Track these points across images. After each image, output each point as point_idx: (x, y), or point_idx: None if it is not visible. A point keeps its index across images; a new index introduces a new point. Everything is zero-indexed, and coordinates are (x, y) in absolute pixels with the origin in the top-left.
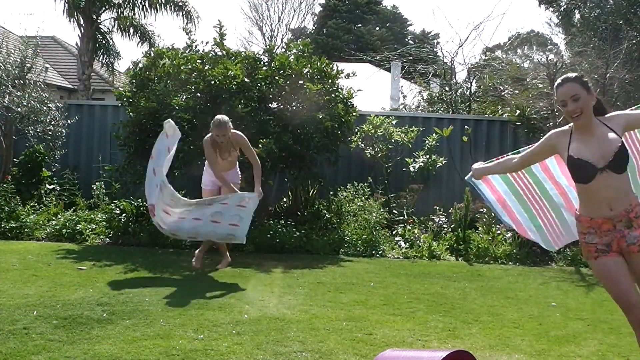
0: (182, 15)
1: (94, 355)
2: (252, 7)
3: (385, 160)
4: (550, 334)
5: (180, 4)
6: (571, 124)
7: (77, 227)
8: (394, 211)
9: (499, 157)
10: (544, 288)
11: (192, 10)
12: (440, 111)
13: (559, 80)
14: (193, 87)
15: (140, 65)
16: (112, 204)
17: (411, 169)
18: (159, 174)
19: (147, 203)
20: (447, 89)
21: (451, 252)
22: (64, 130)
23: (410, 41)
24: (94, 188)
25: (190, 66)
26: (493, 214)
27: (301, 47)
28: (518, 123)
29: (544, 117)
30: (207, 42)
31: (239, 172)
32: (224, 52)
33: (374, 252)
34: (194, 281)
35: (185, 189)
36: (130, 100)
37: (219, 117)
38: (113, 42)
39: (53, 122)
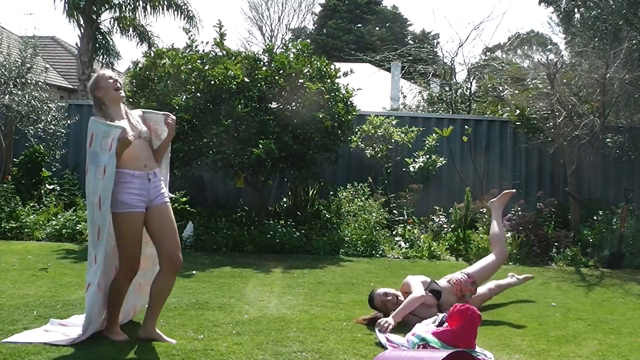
0: (184, 17)
1: (94, 356)
2: (252, 7)
3: (385, 160)
4: (550, 334)
5: (183, 6)
6: None
7: (77, 227)
8: (394, 211)
9: None
10: (544, 288)
11: (194, 14)
12: (440, 111)
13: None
14: (193, 87)
15: (140, 65)
16: None
17: (411, 169)
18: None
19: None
20: (447, 89)
21: (451, 252)
22: (63, 130)
23: (410, 41)
24: None
25: (190, 66)
26: None
27: (300, 47)
28: (518, 123)
29: (543, 117)
30: (207, 42)
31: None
32: (224, 52)
33: (374, 252)
34: (194, 281)
35: (185, 189)
36: (130, 100)
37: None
38: (113, 42)
39: (53, 122)
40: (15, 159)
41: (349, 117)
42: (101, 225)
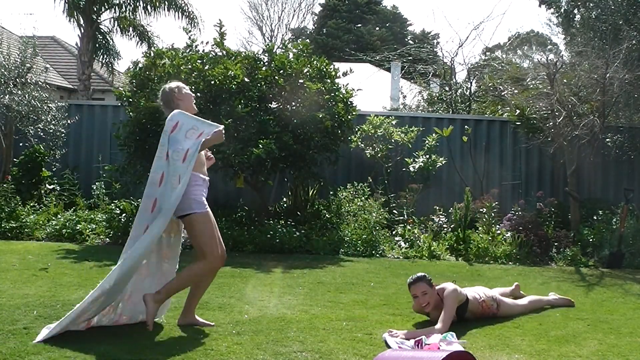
0: (185, 18)
1: (94, 356)
2: (252, 7)
3: (385, 160)
4: (550, 334)
5: (183, 7)
6: None
7: (77, 227)
8: (394, 211)
9: None
10: (544, 288)
11: (195, 14)
12: (440, 111)
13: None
14: (193, 87)
15: (140, 65)
16: (112, 204)
17: (411, 169)
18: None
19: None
20: (447, 89)
21: (451, 252)
22: (63, 130)
23: (410, 41)
24: (94, 188)
25: (190, 66)
26: (493, 214)
27: (301, 47)
28: (518, 123)
29: (543, 117)
30: (207, 42)
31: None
32: (224, 52)
33: (374, 252)
34: None
35: None
36: (130, 100)
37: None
38: (113, 42)
39: (53, 122)
40: (15, 159)
41: (349, 117)
42: (159, 199)
